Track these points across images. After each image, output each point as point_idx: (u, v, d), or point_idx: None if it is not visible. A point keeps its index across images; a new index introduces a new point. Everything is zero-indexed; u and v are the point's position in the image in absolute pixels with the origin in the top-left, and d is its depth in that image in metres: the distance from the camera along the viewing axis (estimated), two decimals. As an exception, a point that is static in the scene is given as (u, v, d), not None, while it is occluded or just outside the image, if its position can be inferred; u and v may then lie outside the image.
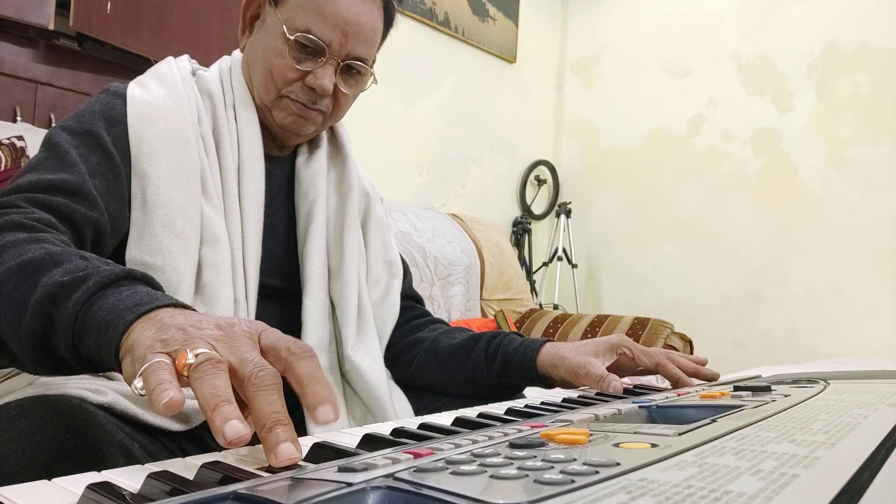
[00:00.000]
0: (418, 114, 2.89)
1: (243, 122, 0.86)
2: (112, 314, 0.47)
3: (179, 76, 0.85)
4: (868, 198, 2.76)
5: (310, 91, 0.85)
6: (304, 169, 0.93)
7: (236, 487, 0.31)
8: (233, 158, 0.84)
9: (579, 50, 3.68)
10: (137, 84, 0.83)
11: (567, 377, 0.83)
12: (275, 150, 0.92)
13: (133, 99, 0.79)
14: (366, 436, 0.46)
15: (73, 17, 1.67)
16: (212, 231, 0.78)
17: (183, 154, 0.78)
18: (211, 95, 0.86)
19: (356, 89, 0.89)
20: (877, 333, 2.71)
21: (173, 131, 0.78)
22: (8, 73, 1.69)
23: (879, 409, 0.51)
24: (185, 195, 0.76)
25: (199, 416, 0.72)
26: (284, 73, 0.84)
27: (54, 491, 0.34)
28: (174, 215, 0.75)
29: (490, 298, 2.38)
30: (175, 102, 0.81)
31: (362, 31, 0.84)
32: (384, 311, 0.94)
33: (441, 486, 0.30)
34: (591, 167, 3.59)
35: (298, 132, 0.89)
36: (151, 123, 0.78)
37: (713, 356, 0.99)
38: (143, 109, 0.78)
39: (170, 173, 0.76)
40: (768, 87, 3.03)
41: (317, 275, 0.87)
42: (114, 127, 0.77)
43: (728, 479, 0.30)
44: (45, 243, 0.57)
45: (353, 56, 0.85)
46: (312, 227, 0.89)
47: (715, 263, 3.12)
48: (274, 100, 0.86)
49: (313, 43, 0.82)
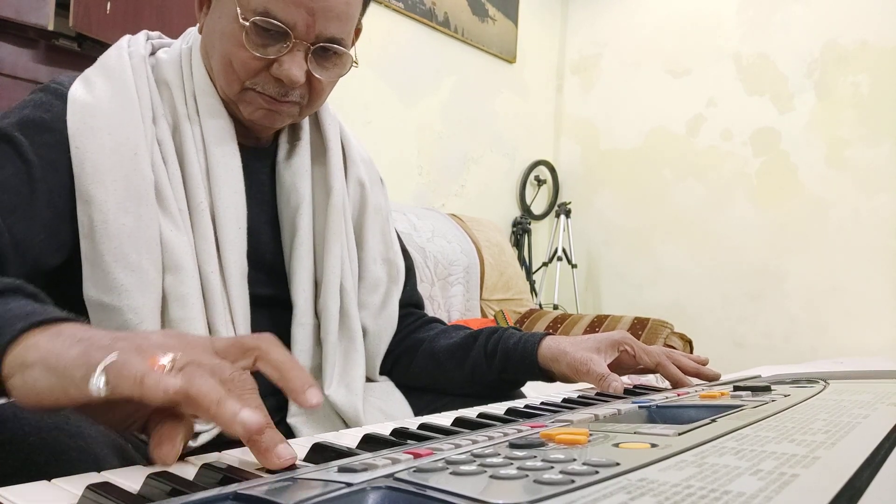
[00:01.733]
0: (418, 114, 2.89)
1: (208, 117, 0.74)
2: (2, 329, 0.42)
3: (130, 65, 0.73)
4: (868, 198, 2.76)
5: (277, 82, 0.73)
6: (284, 169, 0.82)
7: (236, 487, 0.31)
8: (199, 164, 0.73)
9: (579, 50, 3.68)
10: (82, 81, 0.72)
11: (568, 372, 0.82)
12: (251, 139, 0.81)
13: (74, 103, 0.68)
14: (366, 436, 0.46)
15: (72, 18, 1.67)
16: (174, 258, 0.68)
17: (132, 170, 0.67)
18: (169, 85, 0.74)
19: (333, 73, 0.76)
20: (877, 333, 2.71)
21: (120, 143, 0.68)
22: (8, 73, 1.69)
23: (879, 409, 0.51)
24: (136, 221, 0.67)
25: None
26: (246, 63, 0.71)
27: (54, 491, 0.34)
28: (126, 246, 0.66)
29: (490, 298, 2.38)
30: (122, 104, 0.70)
31: (332, 7, 0.71)
32: (380, 323, 0.88)
33: (441, 486, 0.30)
34: (590, 167, 3.59)
35: (273, 126, 0.79)
36: (94, 136, 0.67)
37: (713, 356, 0.99)
38: (84, 118, 0.67)
39: (118, 196, 0.66)
40: (768, 87, 3.03)
41: (302, 299, 0.80)
42: (42, 133, 0.66)
43: (728, 479, 0.30)
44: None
45: (324, 37, 0.72)
46: (296, 243, 0.81)
47: (715, 263, 3.12)
48: (238, 93, 0.74)
49: (274, 26, 0.69)
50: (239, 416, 0.37)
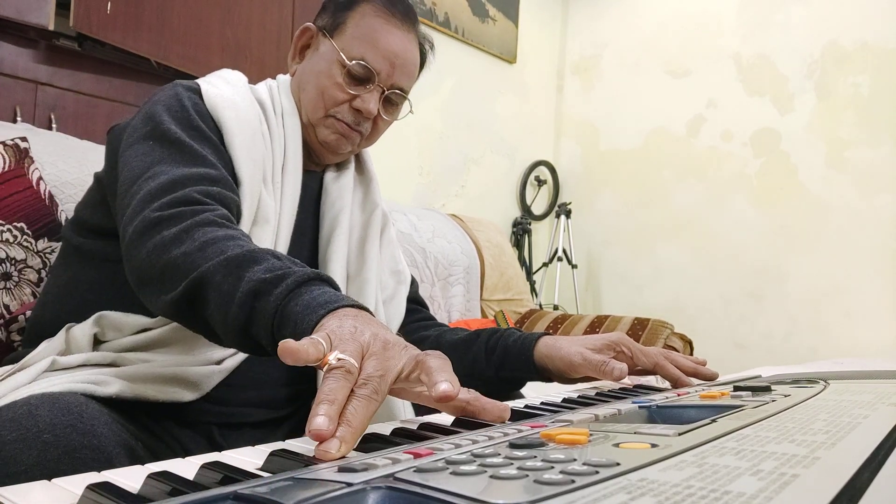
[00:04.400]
0: (418, 114, 2.88)
1: (290, 130, 0.92)
2: (307, 310, 0.55)
3: (241, 83, 0.93)
4: (868, 198, 2.76)
5: (356, 113, 0.92)
6: (332, 183, 0.99)
7: (236, 487, 0.31)
8: (280, 157, 0.90)
9: (579, 50, 3.68)
10: (205, 82, 0.89)
11: (564, 367, 0.84)
12: (309, 164, 0.98)
13: (207, 93, 0.85)
14: (366, 436, 0.47)
15: (73, 18, 1.67)
16: (264, 212, 0.84)
17: (251, 142, 0.85)
18: (263, 104, 0.92)
19: (393, 116, 0.97)
20: (877, 333, 2.71)
21: (244, 121, 0.85)
22: (8, 73, 1.69)
23: (879, 409, 0.51)
24: (252, 176, 0.83)
25: (209, 382, 0.77)
26: (335, 94, 0.91)
27: (54, 491, 0.34)
28: (245, 191, 0.81)
29: (490, 299, 2.38)
30: (242, 100, 0.88)
31: (407, 66, 0.93)
32: (389, 311, 0.99)
33: (441, 486, 0.30)
34: (590, 168, 3.59)
35: (338, 150, 0.95)
36: (226, 111, 0.84)
37: (713, 356, 0.99)
38: (217, 100, 0.85)
39: (243, 154, 0.83)
40: (768, 87, 3.03)
41: (338, 275, 0.91)
42: (204, 118, 0.83)
43: (728, 479, 0.30)
44: (240, 240, 0.65)
45: (396, 86, 0.93)
46: (336, 234, 0.94)
47: (715, 263, 3.12)
48: (321, 118, 0.93)
49: (366, 70, 0.90)
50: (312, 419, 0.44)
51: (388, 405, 0.86)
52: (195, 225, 0.66)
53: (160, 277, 0.65)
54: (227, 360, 0.79)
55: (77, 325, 0.79)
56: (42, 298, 0.91)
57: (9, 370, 0.71)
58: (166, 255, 0.64)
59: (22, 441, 0.51)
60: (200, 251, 0.63)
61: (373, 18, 0.91)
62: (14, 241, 1.07)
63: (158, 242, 0.65)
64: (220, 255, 0.62)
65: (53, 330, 0.80)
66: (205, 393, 0.75)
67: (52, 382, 0.65)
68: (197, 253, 0.63)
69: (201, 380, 0.75)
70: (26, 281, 1.07)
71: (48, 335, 0.80)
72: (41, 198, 1.12)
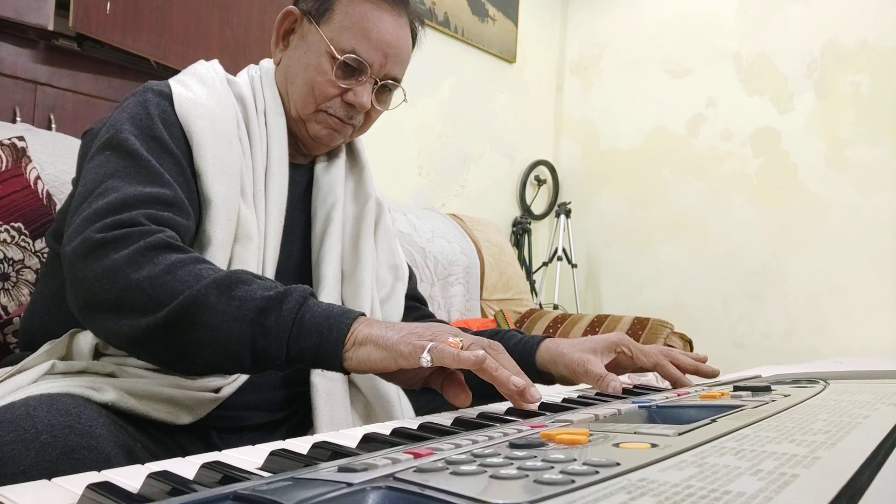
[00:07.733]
0: (418, 114, 2.89)
1: (273, 129, 0.88)
2: (330, 319, 0.59)
3: (217, 79, 0.87)
4: (868, 198, 2.76)
5: (348, 107, 0.89)
6: (323, 175, 0.96)
7: (236, 487, 0.31)
8: (262, 162, 0.86)
9: (579, 50, 3.68)
10: (178, 83, 0.84)
11: (566, 374, 0.83)
12: (297, 157, 0.94)
13: (179, 97, 0.81)
14: (366, 436, 0.46)
15: (72, 18, 1.67)
16: (246, 229, 0.81)
17: (226, 153, 0.81)
18: (243, 101, 0.88)
19: (385, 106, 0.94)
20: (877, 333, 2.71)
21: (218, 130, 0.81)
22: (7, 73, 1.69)
23: (879, 409, 0.51)
24: (227, 192, 0.79)
25: (204, 409, 0.74)
26: (326, 89, 0.87)
27: (54, 491, 0.34)
28: (219, 210, 0.78)
29: (490, 298, 2.38)
30: (217, 103, 0.83)
31: (400, 54, 0.89)
32: (387, 311, 0.97)
33: (441, 486, 0.30)
34: (590, 167, 3.59)
35: (329, 144, 0.93)
36: (198, 121, 0.80)
37: (713, 356, 0.99)
38: (188, 107, 0.80)
39: (216, 169, 0.79)
40: (768, 86, 3.03)
41: (332, 275, 0.90)
42: (170, 128, 0.78)
43: (728, 479, 0.30)
44: (208, 264, 0.65)
45: (389, 76, 0.90)
46: (329, 230, 0.91)
47: (715, 263, 3.12)
48: (311, 113, 0.89)
49: (358, 63, 0.86)
50: (511, 379, 0.58)
51: (387, 405, 0.86)
52: (149, 248, 0.64)
53: (117, 303, 0.62)
54: (225, 387, 0.77)
55: (82, 331, 0.77)
56: (31, 308, 0.88)
57: (8, 372, 0.71)
58: (123, 279, 0.61)
59: (20, 442, 0.51)
60: (169, 274, 0.61)
61: (362, 4, 0.86)
62: (11, 241, 1.06)
63: (109, 266, 0.62)
64: (200, 278, 0.61)
65: (44, 340, 0.78)
66: (199, 418, 0.74)
67: (50, 385, 0.65)
68: (165, 276, 0.61)
69: (196, 405, 0.73)
70: (24, 281, 1.07)
71: (39, 345, 0.78)
72: (39, 197, 1.12)
